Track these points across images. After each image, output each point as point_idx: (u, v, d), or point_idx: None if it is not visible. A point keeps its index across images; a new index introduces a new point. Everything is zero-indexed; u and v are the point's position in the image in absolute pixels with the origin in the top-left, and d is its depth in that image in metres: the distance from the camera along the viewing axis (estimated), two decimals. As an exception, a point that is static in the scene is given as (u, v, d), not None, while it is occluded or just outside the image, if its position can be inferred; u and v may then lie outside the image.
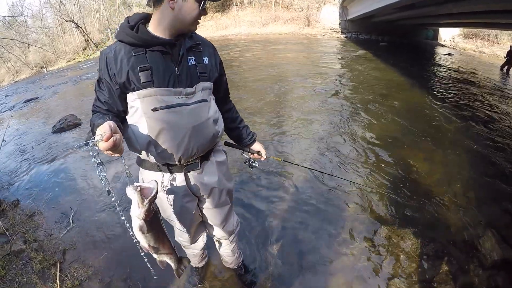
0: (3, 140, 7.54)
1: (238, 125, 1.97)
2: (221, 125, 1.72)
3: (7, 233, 3.59)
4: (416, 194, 3.47)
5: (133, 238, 1.18)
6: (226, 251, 2.41)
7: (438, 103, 6.60)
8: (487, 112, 6.59)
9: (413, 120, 5.35)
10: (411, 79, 7.36)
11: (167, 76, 1.43)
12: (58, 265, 3.05)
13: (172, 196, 1.70)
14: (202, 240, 2.28)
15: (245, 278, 2.57)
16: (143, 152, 1.55)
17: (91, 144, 1.03)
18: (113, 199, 1.15)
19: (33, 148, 6.82)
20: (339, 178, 3.72)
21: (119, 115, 1.51)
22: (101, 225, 3.67)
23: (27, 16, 33.19)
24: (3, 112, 13.03)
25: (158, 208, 1.27)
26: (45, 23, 36.27)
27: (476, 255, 2.86)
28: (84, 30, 32.52)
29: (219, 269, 2.69)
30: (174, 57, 1.46)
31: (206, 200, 1.85)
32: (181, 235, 2.04)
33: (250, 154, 2.09)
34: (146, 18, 1.47)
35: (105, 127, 1.11)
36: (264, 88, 8.47)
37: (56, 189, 4.79)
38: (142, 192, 1.10)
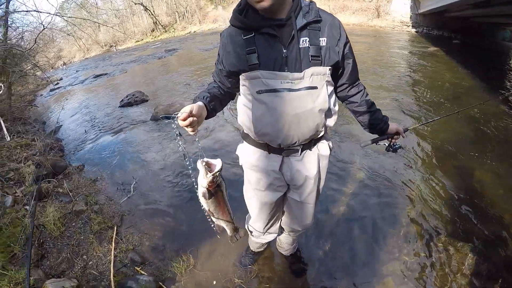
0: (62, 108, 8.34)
1: (369, 109, 1.78)
2: (331, 116, 1.64)
3: (71, 194, 3.96)
4: (477, 208, 3.16)
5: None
6: (288, 239, 2.43)
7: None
8: None
9: (483, 128, 4.78)
10: (484, 84, 6.61)
11: (273, 59, 1.43)
12: (115, 228, 3.29)
13: (263, 175, 1.75)
14: (271, 236, 2.28)
15: (295, 266, 2.61)
16: (246, 128, 1.66)
17: (173, 119, 1.33)
18: (187, 163, 1.37)
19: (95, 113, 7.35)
20: (398, 181, 3.62)
21: (227, 90, 1.67)
22: (160, 196, 3.90)
23: (98, -3, 35.96)
24: (74, 85, 14.35)
25: (223, 182, 1.42)
26: (114, 5, 39.17)
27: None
28: (153, 13, 34.57)
29: (272, 253, 2.76)
30: (283, 39, 1.42)
31: (296, 191, 1.83)
32: (256, 221, 2.07)
33: (389, 139, 1.97)
34: None
35: (187, 109, 1.32)
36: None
37: (120, 158, 5.21)
38: (208, 166, 1.33)
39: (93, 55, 35.89)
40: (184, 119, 1.30)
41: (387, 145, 2.01)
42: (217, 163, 1.33)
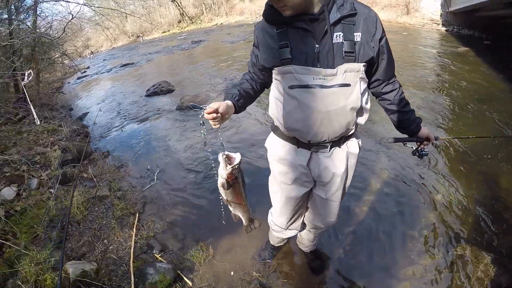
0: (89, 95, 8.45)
1: (402, 109, 1.71)
2: (362, 115, 1.59)
3: (95, 179, 4.01)
4: (501, 218, 2.98)
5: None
6: (309, 236, 2.37)
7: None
8: None
9: None
10: None
11: (305, 54, 1.40)
12: (137, 215, 3.31)
13: (291, 169, 1.73)
14: (293, 232, 2.23)
15: (314, 264, 2.57)
16: (276, 121, 1.66)
17: (200, 109, 1.42)
18: (209, 149, 1.61)
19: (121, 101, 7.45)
20: (421, 185, 3.48)
21: (260, 82, 1.70)
22: (183, 186, 3.90)
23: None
24: (101, 73, 14.64)
25: (242, 175, 1.52)
26: (142, -4, 39.71)
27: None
28: (179, 4, 34.77)
29: (291, 249, 2.73)
30: (316, 33, 1.37)
31: (322, 187, 1.79)
32: (279, 216, 2.04)
33: (418, 143, 1.89)
34: None
35: (215, 105, 1.41)
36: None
37: (145, 146, 5.27)
38: (228, 159, 1.43)
39: (120, 45, 36.62)
40: (209, 113, 1.40)
41: (414, 148, 1.91)
42: (237, 157, 1.44)
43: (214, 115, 1.41)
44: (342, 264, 2.62)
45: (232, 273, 2.55)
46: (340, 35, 1.37)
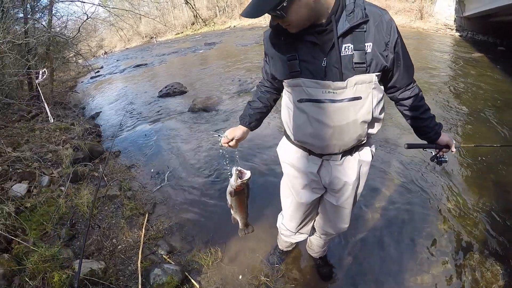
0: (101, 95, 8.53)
1: (421, 115, 1.63)
2: (374, 126, 1.55)
3: (105, 178, 4.02)
4: None
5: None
6: (319, 242, 2.34)
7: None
8: None
9: None
10: None
11: (313, 67, 1.36)
12: (147, 215, 3.31)
13: (302, 176, 1.73)
14: (302, 237, 2.21)
15: (323, 270, 2.55)
16: (287, 130, 1.67)
17: (219, 136, 1.76)
18: (226, 162, 1.85)
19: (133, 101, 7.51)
20: (434, 192, 3.42)
21: (275, 89, 1.74)
22: (194, 188, 3.89)
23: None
24: (114, 74, 14.80)
25: (248, 188, 1.74)
26: (156, -2, 40.17)
27: None
28: (193, 6, 35.01)
29: (300, 254, 2.72)
30: (324, 46, 1.31)
31: (334, 194, 1.77)
32: (290, 221, 2.04)
33: (436, 149, 1.82)
34: None
35: (230, 134, 1.72)
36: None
37: (156, 147, 5.28)
38: (240, 174, 1.66)
39: (133, 46, 37.06)
40: (226, 143, 1.72)
41: (433, 154, 1.85)
42: (247, 173, 1.68)
43: (227, 144, 1.71)
44: (351, 270, 2.59)
45: (240, 276, 2.53)
46: (349, 46, 1.30)
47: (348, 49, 1.30)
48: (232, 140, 1.71)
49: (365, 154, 1.65)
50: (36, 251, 2.37)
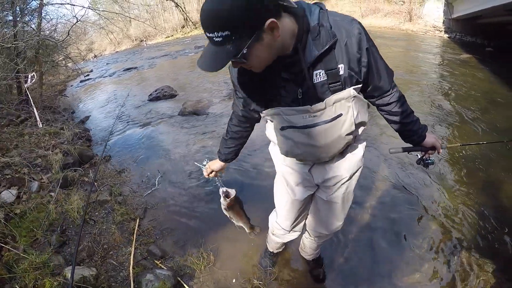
0: (91, 99, 8.47)
1: (403, 120, 1.61)
2: (360, 128, 1.56)
3: (96, 183, 3.99)
4: (504, 226, 2.98)
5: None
6: (312, 245, 2.35)
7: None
8: None
9: None
10: None
11: (289, 99, 1.33)
12: (138, 220, 3.31)
13: (294, 174, 1.76)
14: (296, 234, 2.19)
15: (316, 272, 2.56)
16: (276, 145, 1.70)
17: (202, 166, 2.06)
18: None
19: (123, 105, 7.48)
20: (424, 193, 3.48)
21: (251, 122, 1.73)
22: (185, 192, 3.89)
23: (131, -8, 36.79)
24: (104, 77, 14.71)
25: (239, 201, 2.02)
26: (146, 1, 39.93)
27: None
28: (183, 9, 34.97)
29: (292, 256, 2.74)
30: (295, 79, 1.29)
31: (325, 190, 1.79)
32: (284, 219, 2.03)
33: (422, 152, 1.82)
34: None
35: (210, 167, 1.98)
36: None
37: (147, 151, 5.27)
38: (226, 193, 1.92)
39: (123, 49, 36.77)
40: (207, 175, 2.00)
41: (419, 157, 1.86)
42: (232, 192, 1.94)
43: (211, 174, 1.98)
44: (344, 272, 2.61)
45: (233, 280, 2.54)
46: (321, 72, 1.26)
47: (320, 75, 1.27)
48: (212, 172, 1.96)
49: (356, 150, 1.67)
50: (27, 258, 2.36)
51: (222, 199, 1.95)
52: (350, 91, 1.32)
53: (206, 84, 9.39)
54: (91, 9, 11.02)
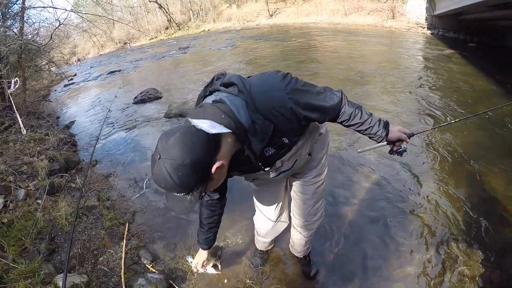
0: (76, 103, 8.36)
1: (358, 128, 1.65)
2: (315, 144, 1.78)
3: (83, 189, 3.94)
4: (491, 215, 3.06)
5: None
6: (301, 241, 2.37)
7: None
8: None
9: (500, 134, 4.62)
10: (501, 89, 6.45)
11: (253, 171, 1.50)
12: (127, 225, 3.30)
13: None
14: (283, 225, 2.27)
15: (307, 268, 2.61)
16: None
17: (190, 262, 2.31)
18: None
19: (110, 111, 7.43)
20: (411, 186, 3.57)
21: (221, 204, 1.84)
22: (173, 195, 3.82)
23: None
24: (88, 81, 14.55)
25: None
26: (129, 2, 39.63)
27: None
28: (167, 11, 34.83)
29: (283, 254, 2.78)
30: (251, 170, 1.49)
31: (296, 175, 1.95)
32: (268, 211, 2.12)
33: (390, 145, 1.85)
34: None
35: (199, 260, 2.05)
36: (343, 80, 8.03)
37: (133, 155, 5.24)
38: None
39: (107, 52, 36.38)
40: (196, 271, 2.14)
41: (389, 149, 1.89)
42: (217, 264, 2.16)
43: (201, 270, 2.07)
44: (335, 268, 2.65)
45: (225, 280, 2.56)
46: (270, 149, 1.34)
47: (270, 150, 1.35)
48: (203, 264, 2.05)
49: (319, 143, 1.81)
50: (16, 268, 2.34)
51: (210, 271, 2.12)
52: (300, 137, 1.47)
53: (190, 85, 9.43)
54: (74, 12, 10.92)
